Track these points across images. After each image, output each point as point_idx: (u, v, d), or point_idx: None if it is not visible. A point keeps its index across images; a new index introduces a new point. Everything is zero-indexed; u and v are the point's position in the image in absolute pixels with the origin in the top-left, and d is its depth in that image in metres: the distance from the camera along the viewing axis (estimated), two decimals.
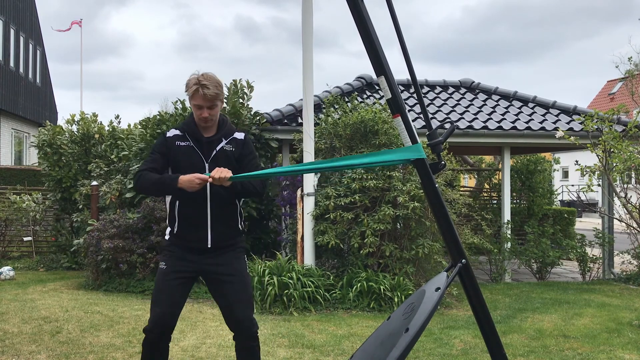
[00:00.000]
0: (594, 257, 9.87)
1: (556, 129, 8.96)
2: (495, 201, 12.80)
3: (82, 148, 10.98)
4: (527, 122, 9.85)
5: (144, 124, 9.28)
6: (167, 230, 3.44)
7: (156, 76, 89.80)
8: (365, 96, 10.49)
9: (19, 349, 5.15)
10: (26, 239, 11.29)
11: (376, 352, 2.61)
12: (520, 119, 9.97)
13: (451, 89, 11.38)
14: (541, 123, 9.89)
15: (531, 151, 12.32)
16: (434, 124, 9.17)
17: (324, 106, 9.23)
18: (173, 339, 5.44)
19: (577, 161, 8.70)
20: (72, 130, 11.19)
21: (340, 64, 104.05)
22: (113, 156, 9.86)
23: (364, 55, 2.47)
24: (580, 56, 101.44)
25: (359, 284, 7.07)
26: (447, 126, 7.61)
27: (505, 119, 9.94)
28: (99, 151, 10.69)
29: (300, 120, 8.91)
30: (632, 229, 8.93)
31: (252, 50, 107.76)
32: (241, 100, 9.01)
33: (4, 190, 11.90)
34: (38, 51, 26.65)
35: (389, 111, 4.58)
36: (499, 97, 11.08)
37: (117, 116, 11.09)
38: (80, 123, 11.17)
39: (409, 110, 9.98)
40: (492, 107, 10.51)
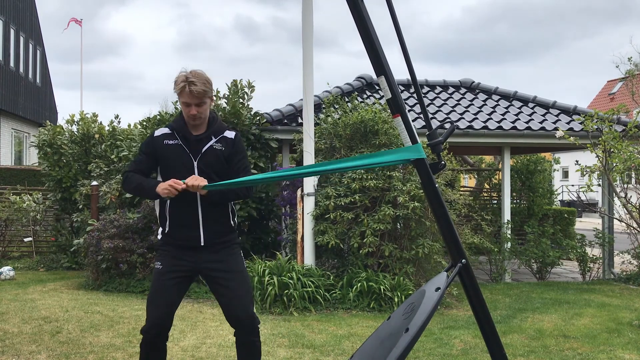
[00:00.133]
0: (594, 257, 9.88)
1: (556, 129, 8.96)
2: (495, 201, 12.80)
3: (82, 148, 10.98)
4: (527, 122, 9.85)
5: (144, 124, 9.28)
6: (159, 230, 3.41)
7: (156, 76, 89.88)
8: (365, 96, 10.49)
9: (19, 349, 5.15)
10: (26, 239, 11.29)
11: (376, 352, 2.61)
12: (520, 119, 9.97)
13: (451, 89, 11.38)
14: (541, 123, 9.90)
15: (531, 151, 12.32)
16: (434, 124, 9.17)
17: (324, 106, 9.23)
18: (173, 339, 5.45)
19: (577, 161, 8.70)
20: (72, 130, 11.19)
21: (340, 64, 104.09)
22: (113, 156, 9.86)
23: (364, 55, 2.47)
24: (580, 56, 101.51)
25: (359, 284, 7.07)
26: (447, 126, 7.61)
27: (505, 119, 9.94)
28: (99, 151, 10.69)
29: (300, 120, 8.91)
30: (632, 229, 8.93)
31: (252, 50, 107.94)
32: (241, 100, 9.00)
33: (4, 190, 11.90)
34: (38, 51, 26.65)
35: (389, 111, 4.58)
36: (499, 97, 11.08)
37: (116, 116, 11.08)
38: (80, 123, 11.17)
39: (409, 110, 9.98)
40: (492, 107, 10.52)
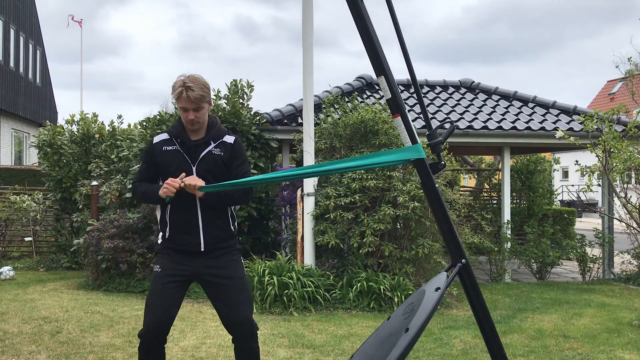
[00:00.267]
0: (594, 257, 9.87)
1: (556, 129, 8.96)
2: (495, 201, 12.80)
3: (82, 148, 10.98)
4: (527, 122, 9.85)
5: (144, 124, 9.28)
6: (160, 234, 3.40)
7: (156, 76, 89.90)
8: (365, 96, 10.49)
9: (19, 349, 5.15)
10: (26, 239, 11.30)
11: (376, 352, 2.61)
12: (520, 119, 9.97)
13: (451, 89, 11.38)
14: (541, 123, 9.90)
15: (531, 151, 12.32)
16: (434, 124, 9.17)
17: (324, 106, 9.22)
18: (173, 339, 5.45)
19: (577, 161, 8.70)
20: (72, 130, 11.19)
21: (340, 64, 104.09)
22: (113, 156, 9.86)
23: (364, 55, 2.47)
24: (580, 56, 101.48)
25: (359, 284, 7.07)
26: (447, 126, 7.61)
27: (505, 119, 9.94)
28: (99, 151, 10.69)
29: (300, 120, 8.91)
30: (632, 229, 8.92)
31: (251, 50, 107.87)
32: (241, 101, 9.00)
33: (4, 190, 11.90)
34: (38, 51, 26.65)
35: (389, 111, 4.58)
36: (499, 97, 11.08)
37: (119, 116, 11.06)
38: (80, 123, 11.18)
39: (409, 110, 9.98)
40: (492, 107, 10.51)
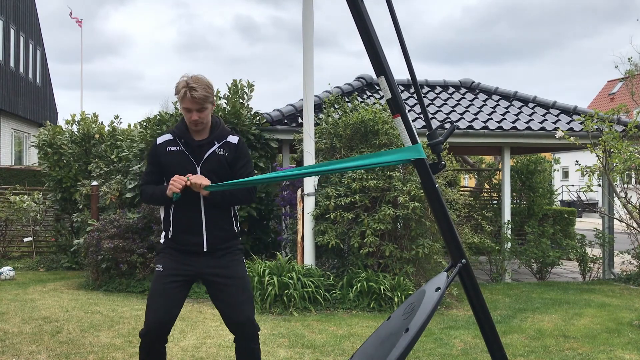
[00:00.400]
0: (594, 257, 9.87)
1: (556, 129, 8.96)
2: (495, 201, 12.80)
3: (82, 148, 10.98)
4: (527, 122, 9.85)
5: (144, 124, 9.28)
6: (162, 234, 3.40)
7: (156, 76, 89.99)
8: (365, 96, 10.49)
9: (19, 349, 5.15)
10: (26, 239, 11.29)
11: (376, 352, 2.61)
12: (520, 119, 9.97)
13: (451, 89, 11.38)
14: (541, 123, 9.90)
15: (531, 151, 12.32)
16: (434, 124, 9.17)
17: (324, 106, 9.22)
18: (173, 339, 5.45)
19: (577, 161, 8.69)
20: (72, 131, 11.20)
21: (340, 64, 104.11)
22: (113, 156, 9.87)
23: (364, 55, 2.47)
24: (580, 56, 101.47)
25: (359, 284, 7.07)
26: (447, 126, 7.61)
27: (506, 119, 9.94)
28: (99, 151, 10.70)
29: (300, 120, 8.91)
30: (632, 229, 8.92)
31: (251, 49, 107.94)
32: (241, 101, 8.99)
33: (4, 190, 11.90)
34: (38, 51, 26.65)
35: (389, 111, 4.58)
36: (499, 97, 11.08)
37: (117, 116, 11.08)
38: (80, 123, 11.19)
39: (409, 110, 9.98)
40: (492, 107, 10.51)
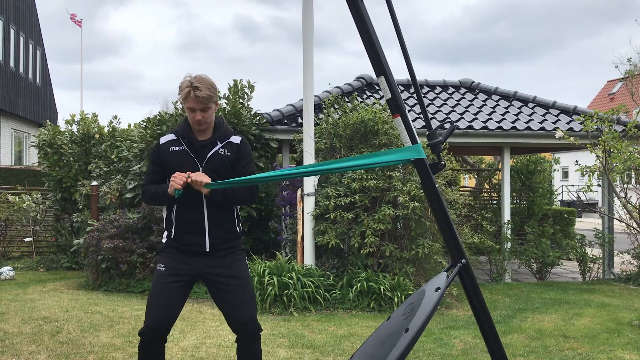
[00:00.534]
0: (594, 257, 9.87)
1: (556, 129, 8.96)
2: (495, 201, 12.80)
3: (82, 148, 10.98)
4: (527, 122, 9.85)
5: (144, 124, 9.28)
6: (164, 234, 3.40)
7: (155, 76, 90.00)
8: (365, 96, 10.49)
9: (19, 349, 5.15)
10: (26, 239, 11.29)
11: (376, 352, 2.61)
12: (520, 119, 9.97)
13: (451, 89, 11.38)
14: (541, 123, 9.90)
15: (531, 151, 12.32)
16: (434, 124, 9.17)
17: (324, 106, 9.22)
18: (173, 339, 5.45)
19: (577, 161, 8.69)
20: (72, 131, 11.20)
21: (340, 64, 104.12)
22: (113, 156, 9.87)
23: (364, 55, 2.46)
24: (580, 56, 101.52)
25: (359, 284, 7.07)
26: (447, 126, 7.61)
27: (505, 119, 9.94)
28: (99, 151, 10.70)
29: (300, 121, 8.91)
30: (632, 229, 8.92)
31: (251, 49, 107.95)
32: (241, 101, 8.99)
33: (3, 190, 11.90)
34: (38, 51, 26.65)
35: (389, 111, 4.58)
36: (499, 97, 11.08)
37: (115, 117, 11.08)
38: (80, 123, 11.19)
39: (408, 111, 9.98)
40: (492, 107, 10.52)
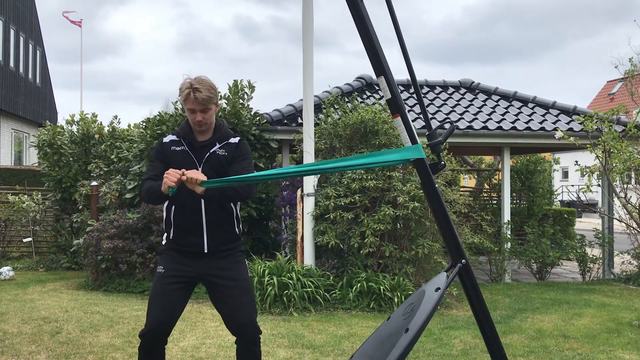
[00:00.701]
0: (594, 257, 9.87)
1: (556, 129, 8.96)
2: (495, 201, 12.80)
3: (82, 148, 10.98)
4: (526, 123, 9.85)
5: (143, 124, 9.29)
6: (164, 235, 3.41)
7: (155, 76, 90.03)
8: (365, 96, 10.49)
9: (18, 349, 5.15)
10: (26, 239, 11.29)
11: (376, 352, 2.61)
12: (520, 119, 9.97)
13: (451, 89, 11.38)
14: (541, 123, 9.89)
15: (531, 151, 12.32)
16: (434, 124, 9.17)
17: (324, 106, 9.22)
18: (173, 339, 5.45)
19: (577, 161, 8.70)
20: (72, 131, 11.20)
21: (340, 64, 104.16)
22: (113, 156, 9.87)
23: (364, 55, 2.46)
24: (580, 56, 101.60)
25: (358, 284, 7.07)
26: (447, 126, 7.61)
27: (505, 119, 9.94)
28: (98, 151, 10.70)
29: (300, 121, 8.91)
30: (632, 229, 8.92)
31: (251, 49, 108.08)
32: (241, 101, 8.99)
33: (3, 191, 11.90)
34: (38, 51, 26.65)
35: (389, 111, 4.58)
36: (498, 97, 11.08)
37: (115, 117, 11.08)
38: (80, 123, 11.19)
39: (408, 111, 9.98)
40: (492, 108, 10.51)
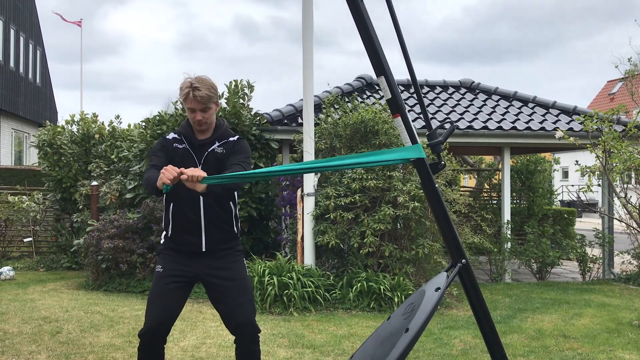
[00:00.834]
0: (594, 257, 9.87)
1: (556, 129, 8.95)
2: (495, 201, 12.80)
3: (82, 148, 10.99)
4: (527, 122, 9.85)
5: (143, 124, 9.29)
6: (163, 234, 3.41)
7: (155, 76, 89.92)
8: (365, 96, 10.49)
9: (19, 349, 5.15)
10: (26, 239, 11.29)
11: (376, 352, 2.61)
12: (520, 119, 9.97)
13: (451, 89, 11.38)
14: (541, 123, 9.90)
15: (531, 151, 12.32)
16: (434, 124, 9.17)
17: (324, 106, 9.22)
18: (173, 339, 5.45)
19: (577, 161, 8.69)
20: (72, 131, 11.20)
21: (340, 63, 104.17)
22: (113, 156, 9.87)
23: (364, 55, 2.46)
24: (580, 56, 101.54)
25: (359, 284, 7.07)
26: (447, 126, 7.61)
27: (505, 119, 9.94)
28: (99, 151, 10.70)
29: (300, 121, 8.91)
30: (632, 229, 8.92)
31: (251, 49, 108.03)
32: (241, 101, 8.99)
33: (3, 191, 11.90)
34: (38, 51, 26.65)
35: (389, 111, 4.58)
36: (499, 97, 11.08)
37: (117, 116, 11.08)
38: (80, 123, 11.19)
39: (409, 111, 9.98)
40: (492, 107, 10.52)
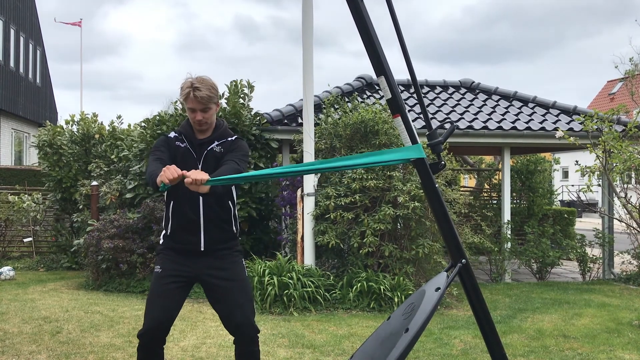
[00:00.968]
0: (594, 257, 9.87)
1: (556, 129, 8.95)
2: (495, 201, 12.80)
3: (82, 148, 10.99)
4: (527, 122, 9.85)
5: (143, 124, 9.29)
6: (162, 233, 3.41)
7: (155, 76, 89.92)
8: (365, 96, 10.49)
9: (19, 349, 5.15)
10: (26, 240, 11.29)
11: (376, 352, 2.61)
12: (520, 119, 9.97)
13: (451, 89, 11.38)
14: (541, 123, 9.90)
15: (531, 151, 12.32)
16: (434, 124, 9.17)
17: (324, 106, 9.22)
18: (173, 339, 5.46)
19: (577, 161, 8.69)
20: (72, 131, 11.20)
21: (340, 63, 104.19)
22: (113, 156, 9.87)
23: (364, 55, 2.46)
24: (580, 56, 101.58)
25: (359, 284, 7.07)
26: (447, 126, 7.61)
27: (505, 119, 9.94)
28: (99, 151, 10.70)
29: (300, 121, 8.91)
30: (632, 229, 8.92)
31: (251, 49, 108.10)
32: (241, 101, 8.99)
33: (3, 190, 11.90)
34: (38, 51, 26.65)
35: (389, 111, 4.58)
36: (499, 97, 11.08)
37: (119, 116, 11.08)
38: (80, 123, 11.19)
39: (409, 111, 9.98)
40: (492, 107, 10.52)
